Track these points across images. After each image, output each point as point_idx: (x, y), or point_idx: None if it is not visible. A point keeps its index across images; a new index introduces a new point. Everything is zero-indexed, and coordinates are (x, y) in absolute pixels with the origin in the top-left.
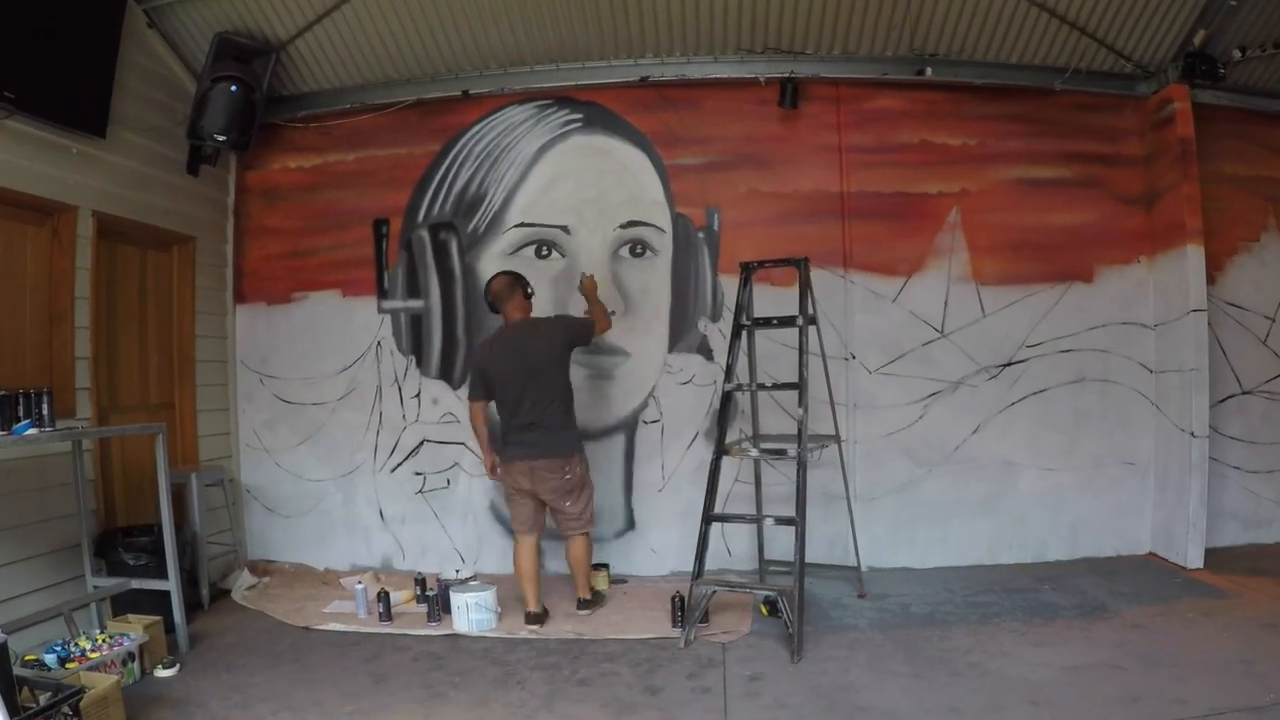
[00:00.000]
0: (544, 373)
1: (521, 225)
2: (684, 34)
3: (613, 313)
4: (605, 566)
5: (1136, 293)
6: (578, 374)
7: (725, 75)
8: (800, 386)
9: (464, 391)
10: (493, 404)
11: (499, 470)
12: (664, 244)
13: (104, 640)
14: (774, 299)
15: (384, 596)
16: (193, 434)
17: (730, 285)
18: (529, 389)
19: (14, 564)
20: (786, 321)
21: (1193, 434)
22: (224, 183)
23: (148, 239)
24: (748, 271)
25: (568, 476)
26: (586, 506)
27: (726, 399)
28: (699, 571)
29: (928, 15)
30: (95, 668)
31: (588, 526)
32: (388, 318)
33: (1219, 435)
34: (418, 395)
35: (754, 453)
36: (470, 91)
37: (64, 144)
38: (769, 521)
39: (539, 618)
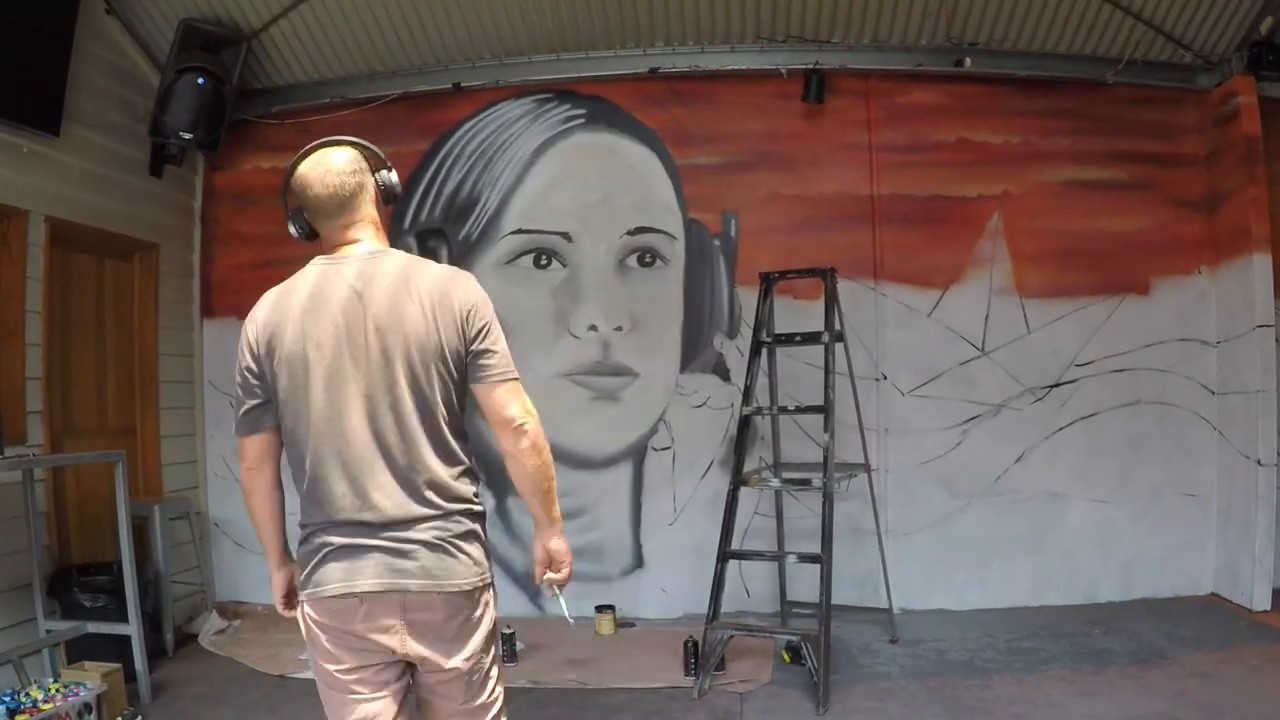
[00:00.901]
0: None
1: (518, 232)
2: (697, 21)
3: (618, 328)
4: (611, 609)
5: (1197, 306)
6: (579, 395)
7: (743, 66)
8: (826, 410)
9: None
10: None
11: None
12: (675, 252)
13: (58, 690)
14: (798, 313)
15: None
16: (156, 462)
17: (749, 298)
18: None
19: None
20: (811, 338)
21: (1259, 462)
22: (190, 185)
23: (106, 247)
24: (768, 283)
25: (480, 631)
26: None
27: (745, 424)
28: (714, 614)
29: (966, 1)
30: None
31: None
32: None
33: None
34: None
35: (775, 483)
36: (462, 84)
37: (13, 142)
38: (791, 559)
39: None
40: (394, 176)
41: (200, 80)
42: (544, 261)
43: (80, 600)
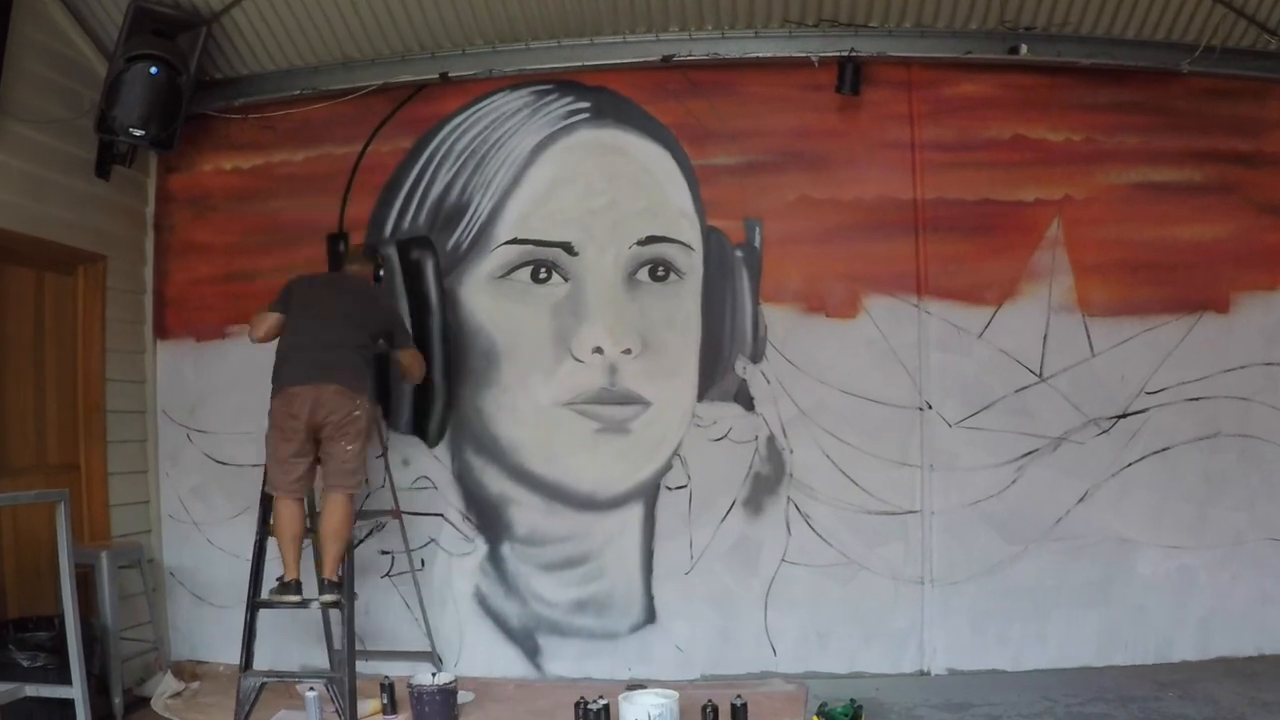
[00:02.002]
0: (355, 318)
1: (514, 242)
2: (717, 2)
3: (627, 351)
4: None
5: None
6: (583, 427)
7: (769, 54)
8: None
9: (441, 450)
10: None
11: (271, 405)
12: (692, 265)
13: None
14: (830, 333)
15: None
16: (103, 503)
17: (775, 315)
18: (335, 320)
19: None
20: None
21: None
22: (142, 188)
23: (46, 259)
24: None
25: (357, 414)
26: (363, 461)
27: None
28: (246, 663)
29: None
30: None
31: (356, 486)
32: None
33: None
34: (383, 455)
35: None
36: (450, 74)
37: None
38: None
39: (297, 588)
40: None
41: (153, 69)
42: (543, 275)
43: (17, 659)
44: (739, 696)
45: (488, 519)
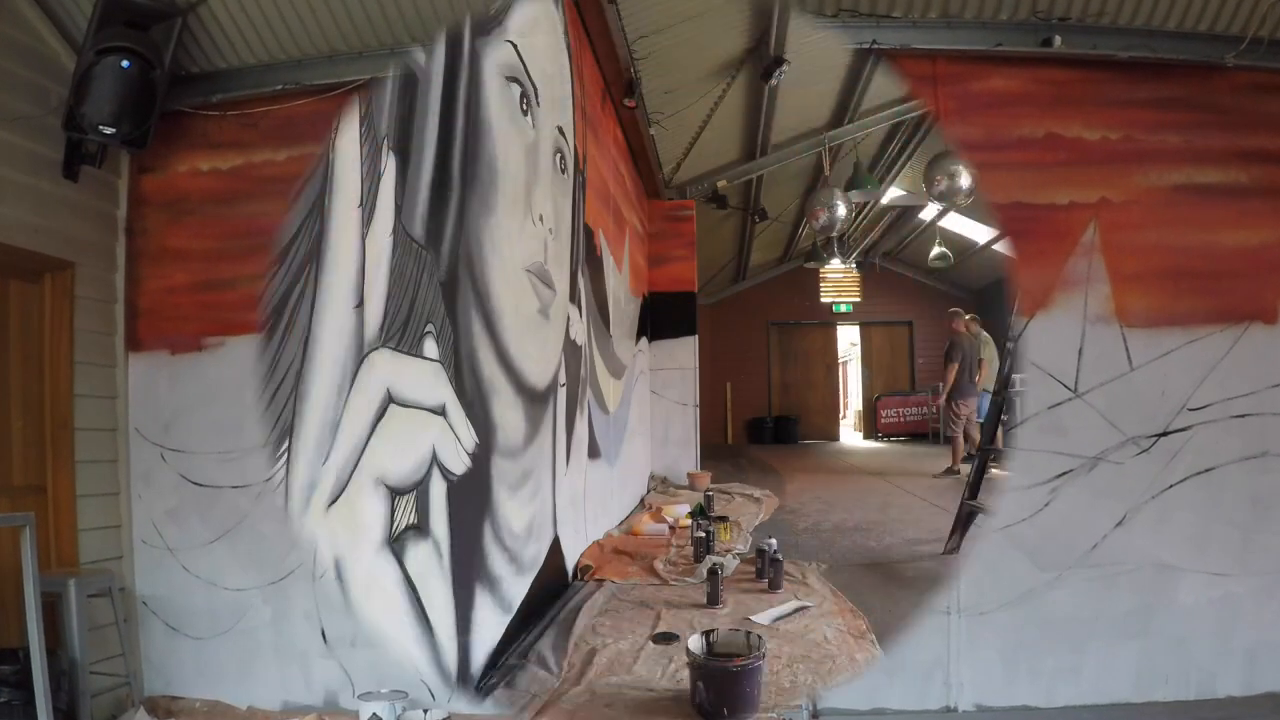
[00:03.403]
0: None
1: None
2: None
3: None
4: None
5: None
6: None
7: None
8: None
9: None
10: None
11: None
12: None
13: None
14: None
15: None
16: (71, 527)
17: None
18: None
19: None
20: None
21: None
22: (113, 190)
23: (9, 265)
24: None
25: None
26: None
27: None
28: None
29: None
30: None
31: None
32: None
33: None
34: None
35: None
36: None
37: None
38: None
39: None
40: None
41: (125, 63)
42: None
43: None
44: None
45: None
